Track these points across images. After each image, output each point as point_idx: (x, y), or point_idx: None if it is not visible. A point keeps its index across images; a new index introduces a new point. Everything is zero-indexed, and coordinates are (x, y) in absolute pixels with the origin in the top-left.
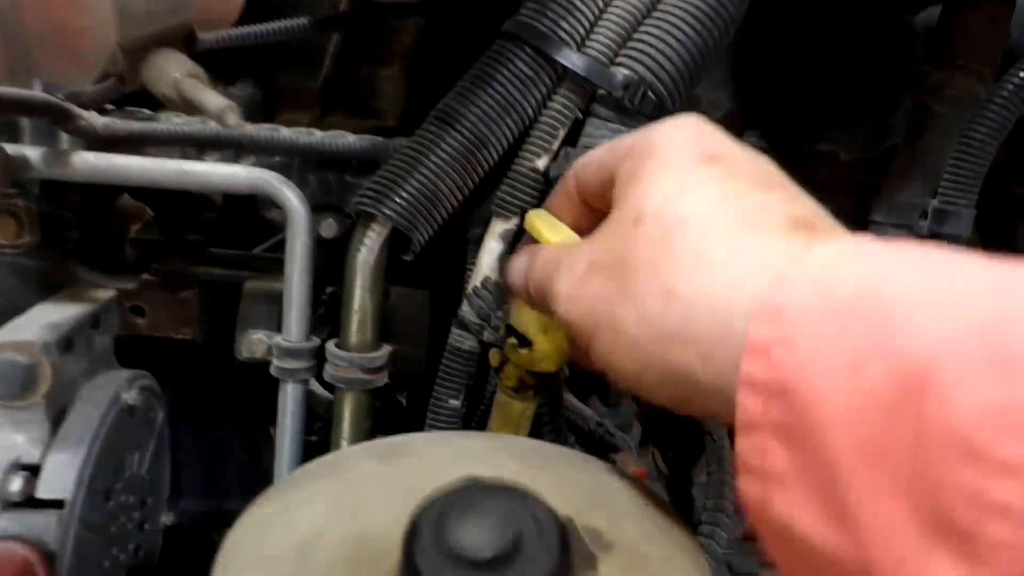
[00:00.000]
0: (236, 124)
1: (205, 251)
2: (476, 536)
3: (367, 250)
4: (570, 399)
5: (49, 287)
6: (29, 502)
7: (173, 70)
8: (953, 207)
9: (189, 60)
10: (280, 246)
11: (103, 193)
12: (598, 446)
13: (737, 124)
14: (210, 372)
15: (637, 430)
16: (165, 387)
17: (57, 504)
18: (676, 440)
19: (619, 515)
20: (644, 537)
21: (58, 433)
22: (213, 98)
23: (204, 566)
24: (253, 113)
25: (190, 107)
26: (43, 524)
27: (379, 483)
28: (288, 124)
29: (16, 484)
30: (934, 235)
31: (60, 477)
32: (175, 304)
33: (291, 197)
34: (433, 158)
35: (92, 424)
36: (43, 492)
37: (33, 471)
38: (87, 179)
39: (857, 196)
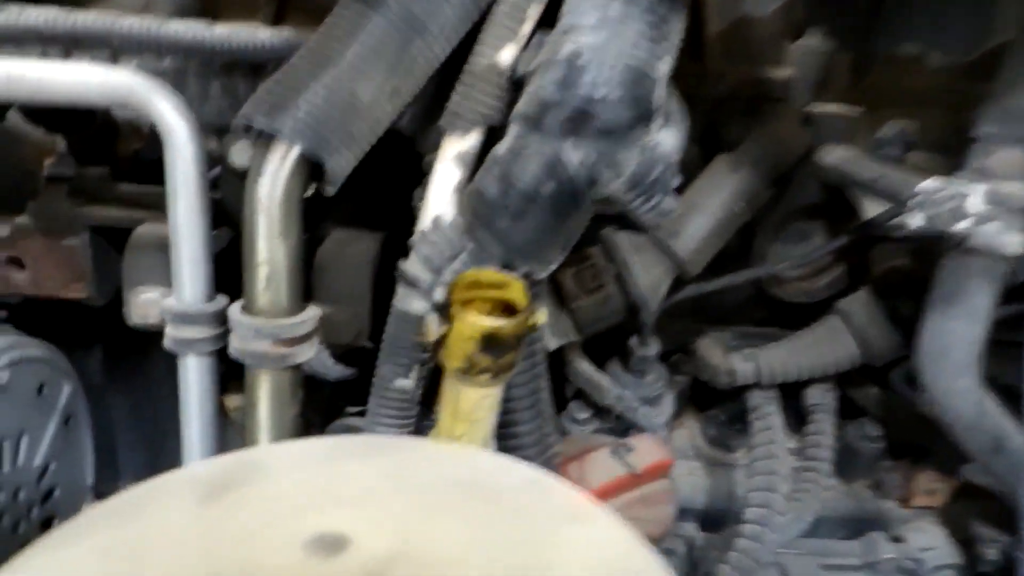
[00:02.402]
0: None
1: (107, 187)
2: None
3: (268, 181)
4: (583, 366)
5: None
6: None
7: None
8: None
9: None
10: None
11: None
12: (616, 422)
13: (796, 19)
14: (137, 334)
15: (668, 403)
16: (88, 352)
17: None
18: (719, 414)
19: None
20: None
21: None
22: None
23: None
24: (186, 17)
25: None
26: None
27: (170, 550)
28: None
29: None
30: None
31: None
32: (60, 254)
33: (166, 108)
34: (349, 51)
35: None
36: None
37: None
38: None
39: (952, 110)
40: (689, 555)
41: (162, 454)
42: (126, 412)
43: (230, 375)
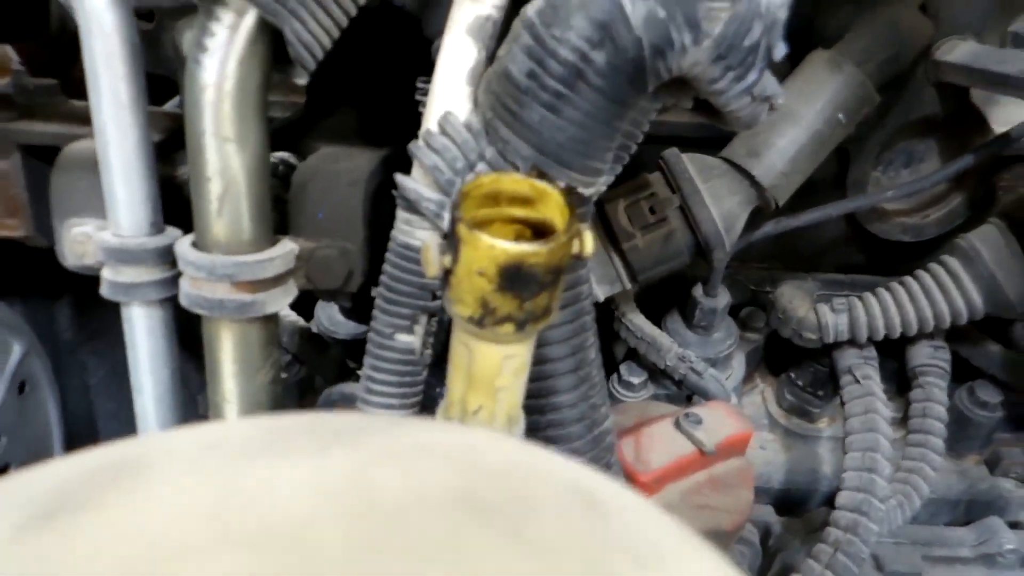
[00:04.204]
0: None
1: (48, 101)
2: None
3: (215, 60)
4: (638, 322)
5: None
6: None
7: None
8: None
9: None
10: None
11: None
12: (678, 389)
13: None
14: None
15: (739, 364)
16: (55, 305)
17: None
18: (798, 378)
19: None
20: None
21: None
22: None
23: None
24: None
25: None
26: None
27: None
28: None
29: None
30: None
31: None
32: None
33: None
34: None
35: None
36: None
37: None
38: None
39: None
40: (764, 544)
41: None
42: (103, 376)
43: None
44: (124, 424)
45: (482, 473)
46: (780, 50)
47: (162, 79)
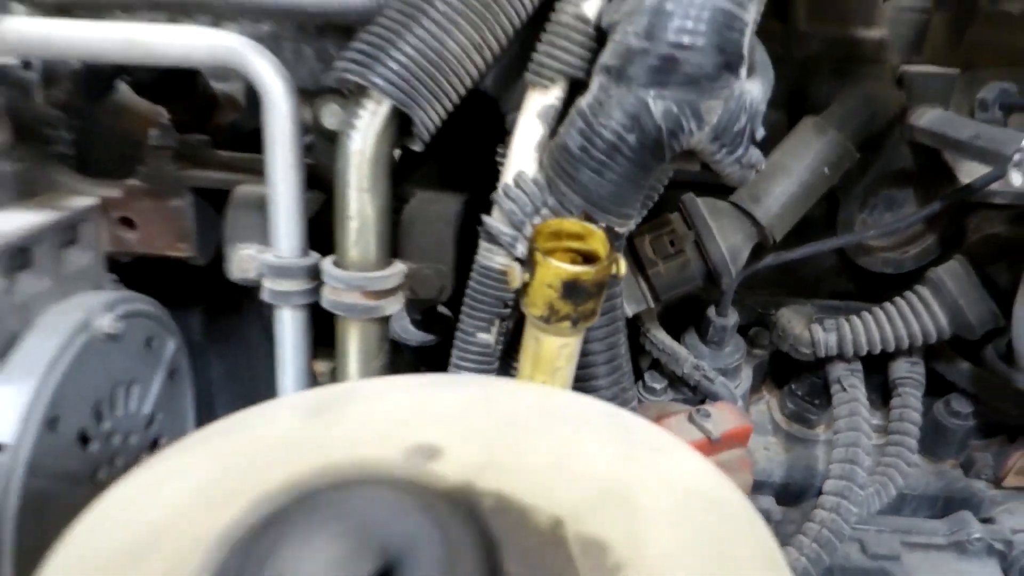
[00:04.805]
0: None
1: (206, 153)
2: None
3: (360, 136)
4: (660, 336)
5: (22, 193)
6: None
7: None
8: None
9: None
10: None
11: (91, 85)
12: (693, 394)
13: None
14: (234, 291)
15: (746, 376)
16: (190, 313)
17: None
18: (798, 388)
19: (649, 513)
20: (683, 552)
21: (2, 365)
22: None
23: None
24: None
25: None
26: None
27: (281, 450)
28: None
29: None
30: None
31: (1, 417)
32: (167, 214)
33: (265, 69)
34: (436, 6)
35: (46, 354)
36: None
37: None
38: (19, 52)
39: None
40: None
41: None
42: (223, 372)
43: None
44: (236, 404)
45: (554, 400)
46: (760, 132)
47: None
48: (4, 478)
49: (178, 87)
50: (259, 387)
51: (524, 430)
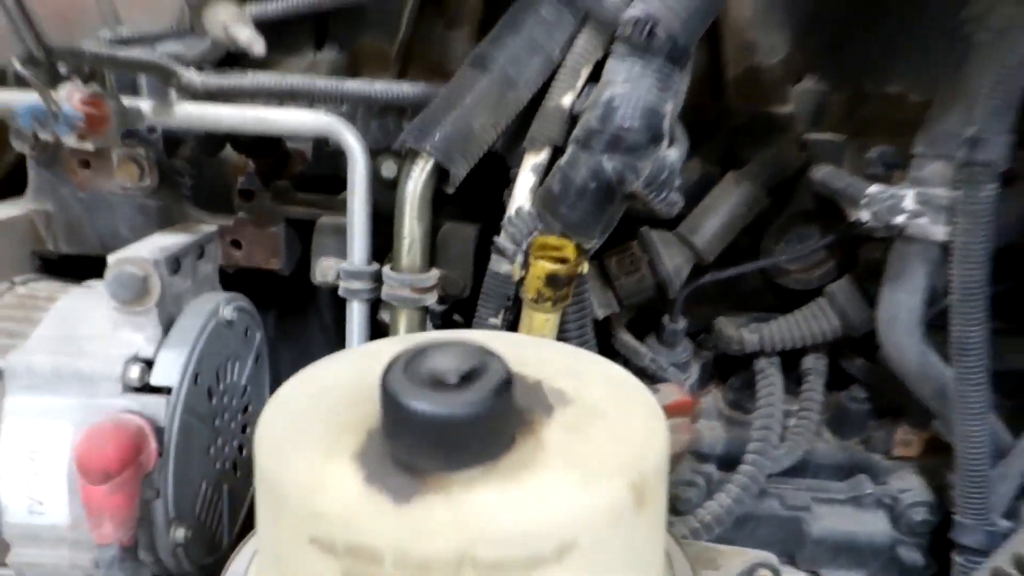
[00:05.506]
0: (261, 53)
1: (291, 194)
2: (437, 365)
3: (413, 182)
4: (626, 338)
5: (165, 223)
6: (144, 388)
7: (221, 15)
8: (987, 134)
9: (235, 5)
10: None
11: (209, 146)
12: (650, 380)
13: (796, 68)
14: (301, 299)
15: (695, 371)
16: (267, 314)
17: (165, 391)
18: (735, 382)
19: (587, 384)
20: (606, 399)
21: (168, 336)
22: (244, 33)
23: None
24: (338, 73)
25: (234, 44)
26: (154, 404)
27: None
28: None
29: (134, 372)
30: (969, 163)
31: (168, 369)
32: (265, 238)
33: (351, 138)
34: (467, 98)
35: (194, 331)
36: (155, 380)
37: (148, 364)
38: (188, 126)
39: None
40: (708, 487)
41: None
42: (289, 362)
43: None
44: None
45: (524, 339)
46: (677, 182)
47: None
48: (171, 409)
49: (266, 146)
50: None
51: (529, 347)
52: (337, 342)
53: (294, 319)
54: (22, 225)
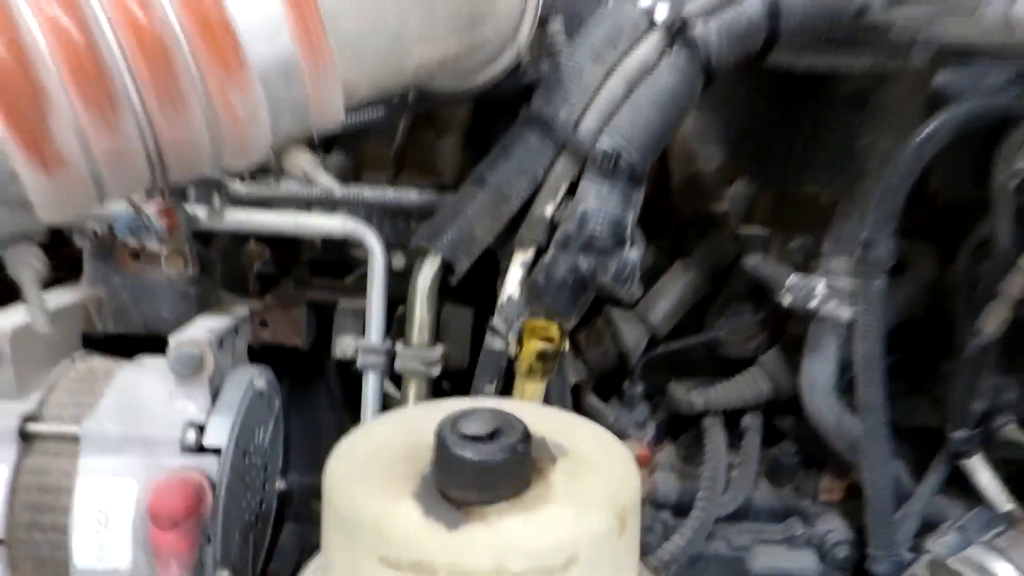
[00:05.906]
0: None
1: (308, 279)
2: (475, 426)
3: (424, 276)
4: (592, 401)
5: (203, 306)
6: (199, 448)
7: (300, 159)
8: (876, 238)
9: (307, 151)
10: (362, 276)
11: (239, 239)
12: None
13: (729, 174)
14: (311, 371)
15: (651, 429)
16: (281, 383)
17: (216, 451)
18: (687, 439)
19: (577, 439)
20: (593, 450)
21: (216, 404)
22: (323, 177)
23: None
24: (344, 174)
25: (308, 178)
26: (209, 463)
27: (429, 418)
28: (370, 183)
29: (191, 436)
30: (863, 260)
31: (219, 432)
32: (290, 318)
33: (373, 239)
34: (469, 209)
35: (236, 399)
36: (207, 442)
37: (200, 428)
38: (236, 229)
39: None
40: (664, 531)
41: (318, 460)
42: (298, 427)
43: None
44: (306, 456)
45: (524, 405)
46: (637, 275)
47: None
48: (222, 467)
49: (283, 238)
50: (324, 439)
51: (529, 410)
52: (342, 409)
53: (305, 389)
54: (79, 309)
